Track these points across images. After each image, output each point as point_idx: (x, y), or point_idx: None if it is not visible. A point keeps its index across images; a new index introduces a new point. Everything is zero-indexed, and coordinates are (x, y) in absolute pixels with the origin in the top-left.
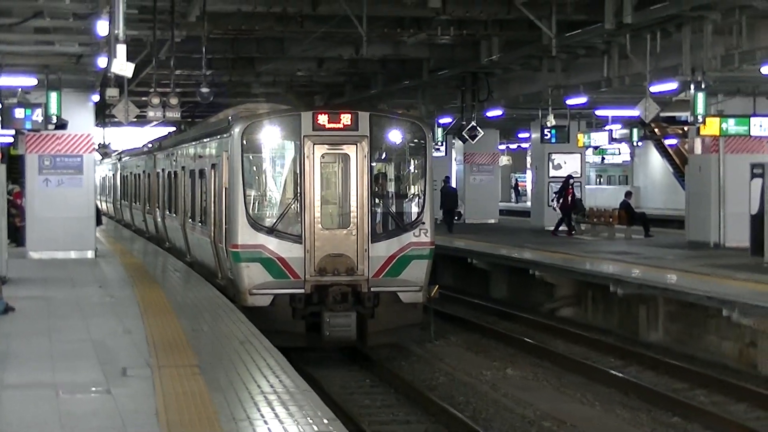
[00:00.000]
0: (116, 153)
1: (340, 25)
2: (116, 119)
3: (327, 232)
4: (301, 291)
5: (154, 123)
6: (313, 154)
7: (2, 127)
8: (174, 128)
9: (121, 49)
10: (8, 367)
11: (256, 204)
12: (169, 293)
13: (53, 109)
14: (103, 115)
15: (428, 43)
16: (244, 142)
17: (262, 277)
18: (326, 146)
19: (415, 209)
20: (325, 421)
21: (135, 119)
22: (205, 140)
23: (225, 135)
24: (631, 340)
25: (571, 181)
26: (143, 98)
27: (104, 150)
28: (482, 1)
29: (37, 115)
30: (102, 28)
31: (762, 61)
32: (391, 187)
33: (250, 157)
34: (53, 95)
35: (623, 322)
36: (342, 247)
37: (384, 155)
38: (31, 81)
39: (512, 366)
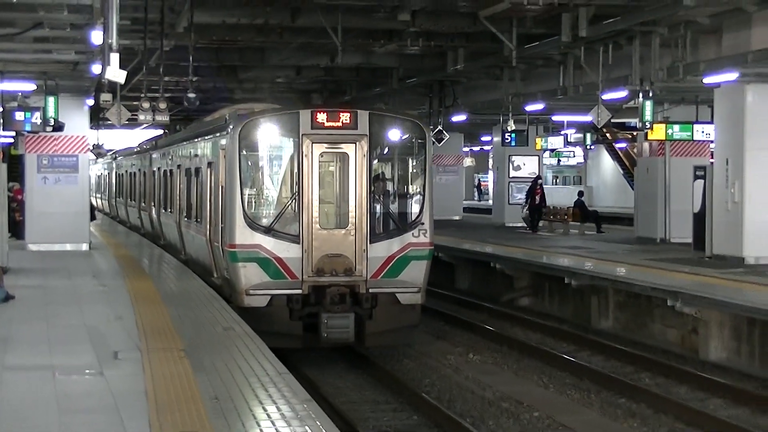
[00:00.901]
0: (112, 152)
1: (317, 36)
2: (109, 122)
3: (325, 232)
4: (299, 292)
5: (145, 125)
6: (312, 152)
7: (3, 129)
8: (163, 130)
9: (114, 58)
10: (9, 350)
11: (254, 203)
12: (157, 283)
13: (51, 112)
14: (98, 117)
15: (398, 53)
16: (242, 140)
17: (259, 278)
18: (325, 145)
19: (414, 209)
20: (303, 404)
21: (127, 122)
22: (201, 139)
23: (222, 133)
24: (583, 328)
25: (540, 181)
26: (134, 102)
27: (98, 150)
28: (448, 14)
29: (36, 118)
30: (96, 37)
31: (704, 73)
32: (390, 187)
33: (248, 155)
34: (51, 99)
35: (577, 311)
36: (340, 247)
37: (383, 154)
38: (30, 86)
39: (474, 351)
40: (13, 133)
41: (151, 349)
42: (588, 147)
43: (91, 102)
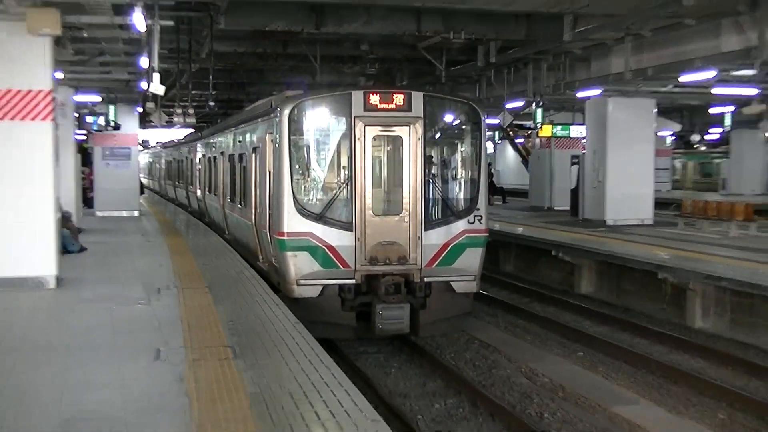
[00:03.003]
0: (162, 144)
1: (302, 61)
2: (152, 123)
3: (378, 219)
4: (352, 281)
5: (178, 126)
6: (365, 135)
7: (78, 129)
8: (192, 129)
9: (156, 77)
10: (83, 287)
11: (304, 189)
12: (187, 240)
13: (111, 116)
14: (144, 120)
15: (360, 73)
16: (292, 123)
17: (310, 267)
18: (378, 128)
19: (469, 195)
20: (295, 324)
21: (165, 123)
22: (245, 125)
23: (270, 117)
24: (493, 271)
25: None
26: (170, 109)
27: (144, 144)
28: (396, 45)
29: (101, 121)
30: (143, 62)
31: (578, 89)
32: (445, 172)
33: (298, 139)
34: (111, 107)
35: (488, 260)
36: (394, 234)
37: (438, 138)
38: (97, 98)
39: None
40: (85, 132)
41: (184, 287)
42: (496, 141)
43: (139, 109)
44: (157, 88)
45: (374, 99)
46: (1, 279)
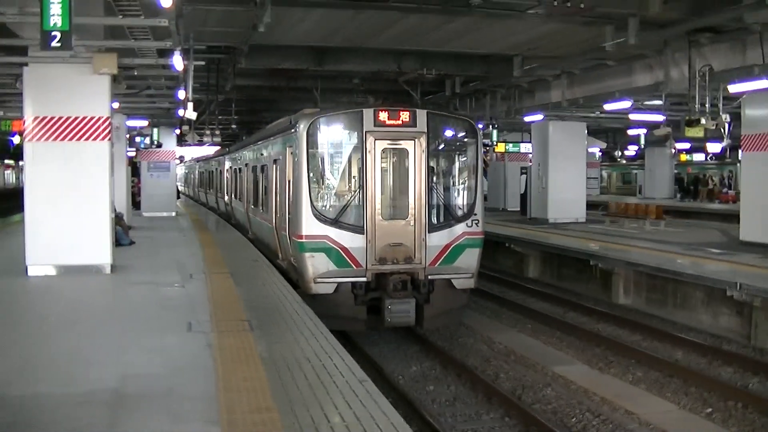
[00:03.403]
0: (196, 159)
1: (305, 93)
2: (187, 142)
3: (387, 223)
4: (363, 279)
5: (208, 144)
6: (375, 148)
7: (130, 147)
8: (219, 146)
9: (190, 105)
10: (132, 273)
11: (320, 196)
12: (214, 235)
13: (155, 137)
14: (181, 139)
15: (353, 102)
16: (309, 137)
17: (326, 266)
18: (387, 141)
19: (467, 201)
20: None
21: (197, 142)
22: (267, 140)
23: (290, 132)
24: None
25: None
26: (201, 130)
27: (181, 159)
28: (381, 80)
29: (147, 140)
30: (181, 94)
31: (525, 114)
32: (446, 181)
33: (315, 152)
34: (155, 129)
35: None
36: (401, 237)
37: (440, 150)
38: (144, 122)
39: None
40: (135, 150)
41: (211, 272)
42: None
43: (177, 131)
44: (190, 114)
45: (383, 116)
46: (69, 266)
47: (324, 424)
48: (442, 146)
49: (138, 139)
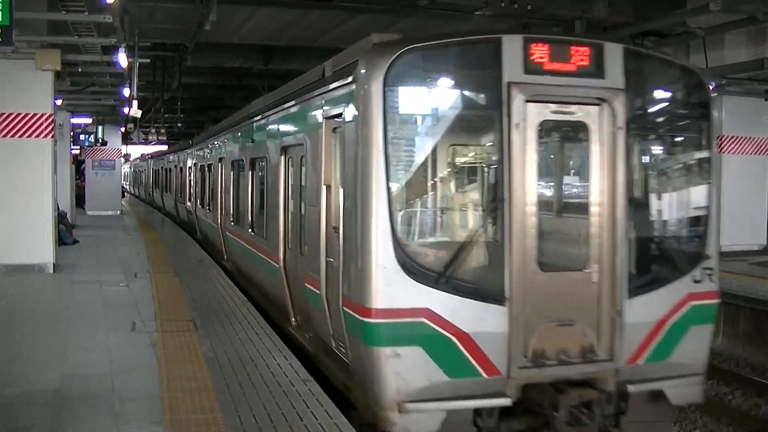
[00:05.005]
0: (149, 155)
1: (253, 91)
2: (132, 140)
3: (546, 278)
4: (504, 401)
5: (153, 142)
6: (526, 119)
7: (73, 144)
8: (165, 146)
9: (135, 103)
10: (75, 272)
11: (413, 221)
12: (160, 234)
13: (100, 135)
14: (126, 137)
15: None
16: (390, 93)
17: (425, 375)
18: (550, 106)
19: (694, 231)
20: (245, 305)
21: (142, 140)
22: (265, 117)
23: (332, 89)
24: None
25: None
26: (147, 129)
27: (126, 157)
28: None
29: (92, 138)
30: (126, 91)
31: None
32: (660, 189)
33: (400, 127)
34: (100, 127)
35: None
36: (574, 306)
37: (648, 128)
38: (88, 120)
39: None
40: (79, 147)
41: (156, 271)
42: None
43: (122, 129)
44: (136, 112)
45: (540, 53)
46: (10, 265)
47: (267, 424)
48: (652, 121)
49: (82, 136)
